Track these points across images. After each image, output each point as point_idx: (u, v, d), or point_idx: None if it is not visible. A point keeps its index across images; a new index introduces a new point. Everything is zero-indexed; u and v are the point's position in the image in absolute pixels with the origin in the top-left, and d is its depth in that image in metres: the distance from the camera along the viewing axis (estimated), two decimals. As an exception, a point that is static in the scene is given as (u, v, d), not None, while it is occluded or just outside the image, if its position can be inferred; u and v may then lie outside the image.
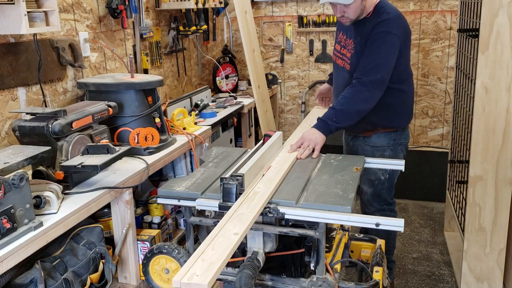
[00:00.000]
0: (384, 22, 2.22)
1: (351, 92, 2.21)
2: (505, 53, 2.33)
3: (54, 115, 1.88)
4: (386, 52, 2.22)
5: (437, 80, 4.22)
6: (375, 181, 2.49)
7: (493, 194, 2.48)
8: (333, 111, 2.19)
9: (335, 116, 2.17)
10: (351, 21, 2.28)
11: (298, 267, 1.66)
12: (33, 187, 1.63)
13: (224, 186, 1.57)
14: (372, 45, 2.22)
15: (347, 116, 2.19)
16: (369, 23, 2.26)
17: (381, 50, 2.21)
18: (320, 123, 2.16)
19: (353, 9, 2.21)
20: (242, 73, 4.47)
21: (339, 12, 2.25)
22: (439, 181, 3.81)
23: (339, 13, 2.25)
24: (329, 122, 2.15)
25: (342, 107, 2.19)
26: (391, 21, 2.23)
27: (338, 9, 2.25)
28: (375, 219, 1.46)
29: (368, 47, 2.24)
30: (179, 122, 2.69)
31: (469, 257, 2.59)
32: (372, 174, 2.46)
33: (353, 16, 2.25)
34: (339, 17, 2.28)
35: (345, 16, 2.25)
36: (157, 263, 1.68)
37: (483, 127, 2.43)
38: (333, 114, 2.18)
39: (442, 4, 4.06)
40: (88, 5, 2.57)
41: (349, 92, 2.22)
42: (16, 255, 1.44)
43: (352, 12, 2.22)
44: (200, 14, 3.61)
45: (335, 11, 2.28)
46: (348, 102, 2.20)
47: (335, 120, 2.16)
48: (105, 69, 2.74)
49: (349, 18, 2.26)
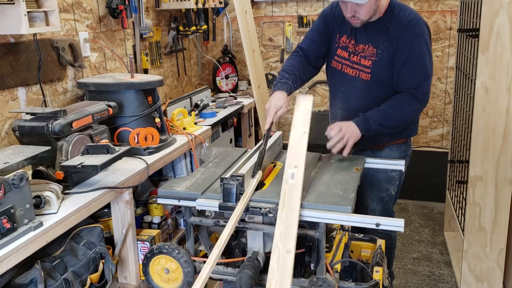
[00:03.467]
0: (413, 22, 2.05)
1: (402, 101, 2.07)
2: (505, 53, 2.33)
3: (54, 115, 1.87)
4: (429, 57, 2.08)
5: (437, 80, 4.22)
6: (386, 197, 2.31)
7: (493, 194, 2.48)
8: (378, 113, 2.04)
9: (379, 118, 2.03)
10: (362, 22, 2.07)
11: (298, 267, 1.66)
12: (33, 187, 1.63)
13: (224, 186, 1.57)
14: (413, 51, 2.05)
15: (391, 123, 2.06)
16: (392, 24, 2.08)
17: (425, 57, 2.06)
18: (362, 120, 2.02)
19: (366, 8, 2.00)
20: (242, 73, 4.47)
21: (349, 11, 2.03)
22: (439, 181, 3.81)
23: (350, 12, 2.03)
24: (371, 122, 2.02)
25: (390, 111, 2.05)
26: (419, 20, 2.07)
27: (349, 8, 2.02)
28: (376, 219, 1.46)
29: (408, 53, 2.05)
30: (179, 122, 2.69)
31: (469, 257, 2.59)
32: (383, 190, 2.29)
33: (365, 17, 2.04)
34: (349, 17, 2.06)
35: (356, 17, 2.04)
36: (157, 263, 1.68)
37: (483, 127, 2.43)
38: (378, 116, 2.03)
39: (442, 4, 4.06)
40: (88, 5, 2.57)
41: (400, 100, 2.07)
42: (16, 255, 1.44)
43: (365, 12, 2.02)
44: (200, 14, 3.61)
45: (345, 11, 2.06)
46: (397, 109, 2.06)
47: (378, 123, 2.02)
48: (105, 69, 2.74)
49: (360, 19, 2.05)
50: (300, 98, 1.91)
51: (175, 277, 1.67)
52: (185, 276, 1.65)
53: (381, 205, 2.32)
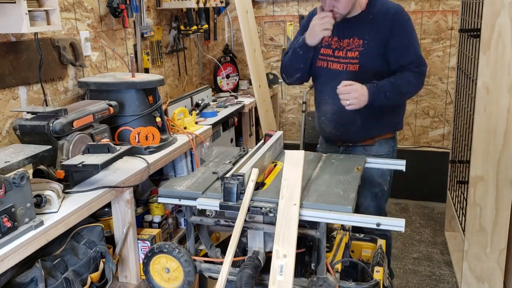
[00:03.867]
0: (399, 11, 2.19)
1: (408, 75, 2.18)
2: (506, 53, 2.33)
3: (55, 114, 1.87)
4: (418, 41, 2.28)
5: (438, 80, 4.21)
6: (379, 193, 2.35)
7: (494, 195, 2.48)
8: (389, 84, 2.13)
9: (390, 89, 2.12)
10: (341, 16, 2.13)
11: (299, 267, 1.66)
12: (33, 186, 1.63)
13: (225, 185, 1.57)
14: (407, 32, 2.20)
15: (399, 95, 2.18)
16: (377, 16, 2.17)
17: (415, 36, 2.24)
18: (374, 88, 2.10)
19: (344, 3, 2.08)
20: (243, 72, 4.47)
21: (328, 6, 2.10)
22: (440, 181, 3.81)
23: (329, 7, 2.10)
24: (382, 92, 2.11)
25: (400, 83, 2.15)
26: (403, 9, 2.22)
27: (327, 3, 2.09)
28: (376, 219, 1.46)
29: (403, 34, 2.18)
30: (180, 122, 2.69)
31: (469, 257, 2.59)
32: (376, 186, 2.34)
33: (344, 10, 2.11)
34: (328, 11, 2.11)
35: (334, 11, 2.10)
36: (157, 263, 1.68)
37: (484, 127, 2.43)
38: (389, 87, 2.13)
39: (443, 4, 4.05)
40: (89, 4, 2.57)
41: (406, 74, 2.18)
42: (17, 254, 1.44)
43: (343, 6, 2.09)
44: (201, 13, 3.61)
45: (324, 5, 2.12)
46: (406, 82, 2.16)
47: (387, 94, 2.11)
48: (106, 68, 2.74)
49: (339, 13, 2.11)
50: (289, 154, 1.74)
51: (175, 277, 1.67)
52: (185, 275, 1.65)
53: (374, 202, 2.36)
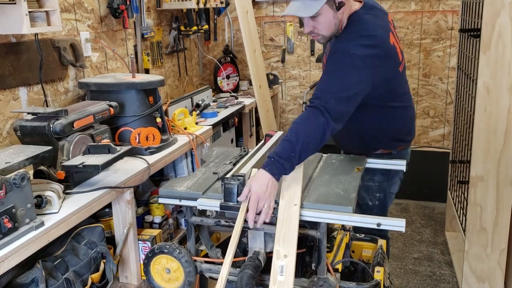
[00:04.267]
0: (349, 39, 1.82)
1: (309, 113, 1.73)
2: (506, 53, 2.33)
3: (55, 115, 1.88)
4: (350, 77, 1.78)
5: (439, 80, 4.21)
6: (363, 205, 2.12)
7: (494, 195, 2.48)
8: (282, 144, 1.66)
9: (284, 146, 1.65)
10: (325, 38, 1.90)
11: (299, 267, 1.66)
12: (34, 187, 1.63)
13: (225, 186, 1.57)
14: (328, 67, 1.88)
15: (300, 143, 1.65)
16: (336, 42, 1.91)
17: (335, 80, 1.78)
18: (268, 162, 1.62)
19: (323, 23, 1.83)
20: (243, 73, 4.47)
21: (307, 27, 1.87)
22: (440, 181, 3.81)
23: (308, 28, 1.87)
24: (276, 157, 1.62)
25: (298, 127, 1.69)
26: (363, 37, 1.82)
27: (306, 24, 1.87)
28: (377, 219, 1.46)
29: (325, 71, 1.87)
30: (180, 122, 2.69)
31: (470, 257, 2.59)
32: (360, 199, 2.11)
33: (326, 32, 1.86)
34: (308, 33, 1.89)
35: (315, 32, 1.88)
36: (158, 263, 1.68)
37: (484, 127, 2.43)
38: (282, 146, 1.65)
39: (443, 4, 4.05)
40: (89, 5, 2.57)
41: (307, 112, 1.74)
42: (17, 255, 1.44)
43: (323, 27, 1.85)
44: (201, 14, 3.61)
45: (304, 26, 1.90)
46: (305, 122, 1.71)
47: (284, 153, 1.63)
48: (106, 69, 2.74)
49: (321, 34, 1.88)
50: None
51: (176, 277, 1.67)
52: (186, 276, 1.65)
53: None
